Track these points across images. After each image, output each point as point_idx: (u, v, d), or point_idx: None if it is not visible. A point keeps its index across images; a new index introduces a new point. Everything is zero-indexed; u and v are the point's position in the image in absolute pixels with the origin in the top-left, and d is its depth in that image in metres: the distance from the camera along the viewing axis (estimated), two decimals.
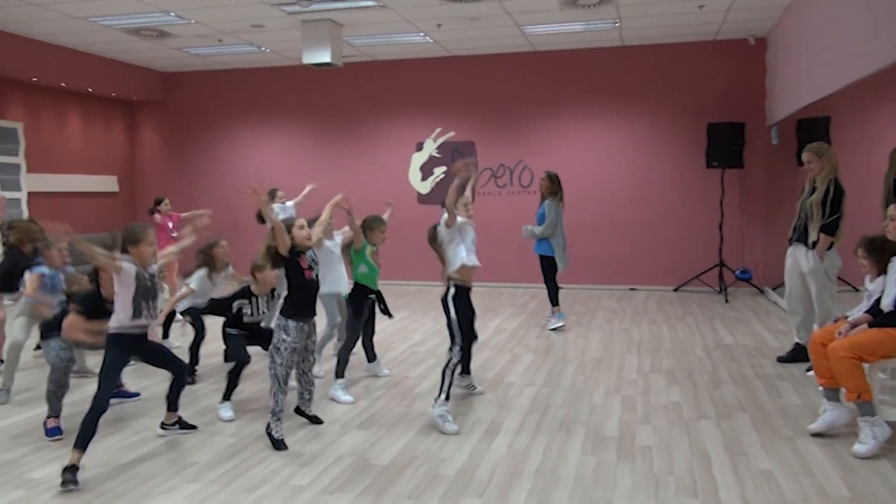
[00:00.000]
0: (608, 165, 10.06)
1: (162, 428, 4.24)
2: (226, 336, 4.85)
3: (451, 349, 4.41)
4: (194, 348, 5.41)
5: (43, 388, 4.36)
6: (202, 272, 5.39)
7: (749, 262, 9.60)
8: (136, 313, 3.75)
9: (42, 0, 7.38)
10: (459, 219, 4.51)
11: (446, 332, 4.46)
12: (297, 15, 8.11)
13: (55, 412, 4.25)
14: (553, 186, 7.10)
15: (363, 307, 5.12)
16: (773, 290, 8.97)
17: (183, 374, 4.17)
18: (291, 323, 4.04)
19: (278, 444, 4.00)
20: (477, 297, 4.70)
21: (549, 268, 7.14)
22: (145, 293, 3.78)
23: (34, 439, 4.16)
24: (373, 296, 5.18)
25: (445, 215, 4.46)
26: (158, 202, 8.75)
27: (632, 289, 10.01)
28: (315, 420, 4.43)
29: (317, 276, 4.16)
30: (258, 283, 4.86)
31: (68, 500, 3.35)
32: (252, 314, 4.87)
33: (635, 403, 4.76)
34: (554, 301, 7.25)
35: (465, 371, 4.99)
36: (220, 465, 3.76)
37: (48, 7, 7.64)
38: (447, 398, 4.33)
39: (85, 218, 10.45)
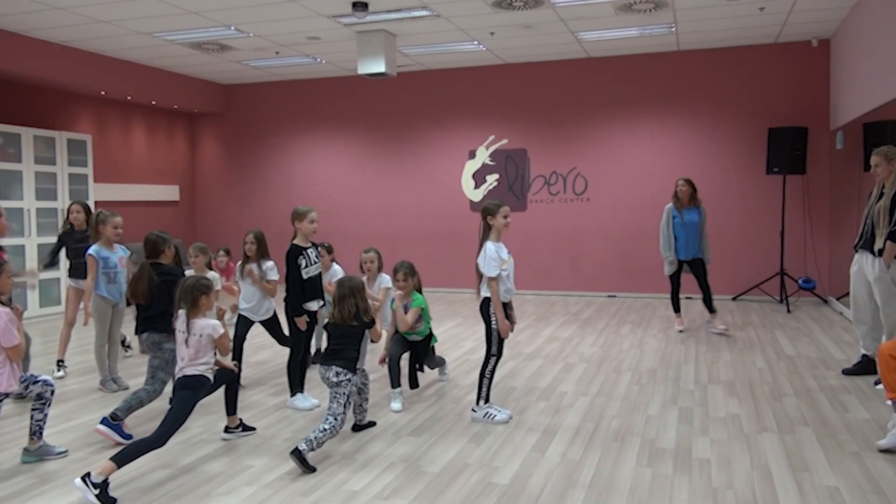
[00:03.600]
0: (665, 172, 9.88)
1: (225, 432, 4.36)
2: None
3: (487, 355, 4.58)
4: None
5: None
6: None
7: (812, 271, 9.29)
8: None
9: (111, 17, 7.71)
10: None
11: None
12: (352, 26, 8.25)
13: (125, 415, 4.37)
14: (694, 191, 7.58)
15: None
16: (838, 299, 8.65)
17: (233, 380, 4.29)
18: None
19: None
20: (531, 306, 4.70)
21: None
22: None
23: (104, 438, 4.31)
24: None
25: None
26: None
27: (688, 297, 9.79)
28: (371, 424, 4.52)
29: None
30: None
31: (133, 499, 3.46)
32: None
33: (692, 415, 4.65)
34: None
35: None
36: (276, 469, 3.83)
37: (117, 24, 7.97)
38: (487, 401, 4.56)
39: (147, 226, 10.68)
